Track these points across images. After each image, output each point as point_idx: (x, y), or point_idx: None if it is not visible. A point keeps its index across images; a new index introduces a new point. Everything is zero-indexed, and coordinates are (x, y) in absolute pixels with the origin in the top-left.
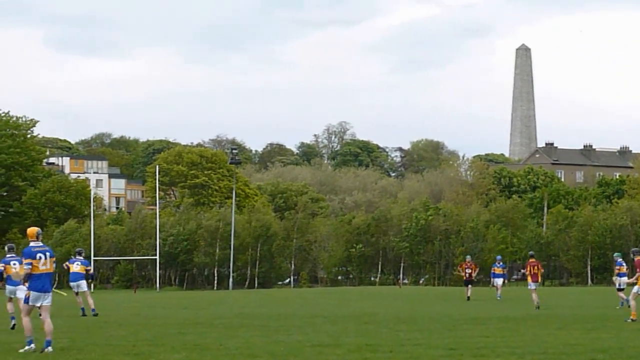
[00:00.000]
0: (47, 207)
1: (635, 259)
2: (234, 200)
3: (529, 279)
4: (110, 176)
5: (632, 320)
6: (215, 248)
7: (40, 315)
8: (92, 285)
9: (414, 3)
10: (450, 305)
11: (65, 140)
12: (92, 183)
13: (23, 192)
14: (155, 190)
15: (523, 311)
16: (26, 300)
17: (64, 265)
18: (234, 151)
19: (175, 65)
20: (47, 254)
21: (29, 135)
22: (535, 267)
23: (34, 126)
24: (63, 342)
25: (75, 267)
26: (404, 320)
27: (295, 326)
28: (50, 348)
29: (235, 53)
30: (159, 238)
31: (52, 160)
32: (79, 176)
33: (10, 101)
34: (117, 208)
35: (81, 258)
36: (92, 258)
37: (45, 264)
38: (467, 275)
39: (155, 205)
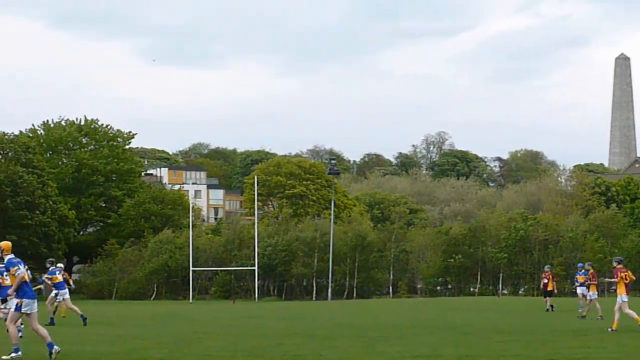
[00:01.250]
0: (144, 218)
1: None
2: (332, 210)
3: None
4: (209, 187)
5: None
6: (313, 259)
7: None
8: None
9: (511, 13)
10: (549, 315)
11: (163, 151)
12: (191, 194)
13: (121, 203)
14: (254, 201)
15: (622, 322)
16: (17, 308)
17: (45, 278)
18: (332, 161)
19: (272, 75)
20: (22, 264)
21: (127, 147)
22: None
23: (133, 138)
24: (162, 353)
25: (59, 276)
26: (503, 330)
27: (394, 337)
28: (56, 347)
29: (332, 63)
30: (257, 248)
31: (150, 171)
32: (180, 187)
33: (108, 113)
34: (215, 218)
35: (61, 266)
36: (191, 268)
37: (24, 273)
38: (543, 285)
39: (254, 215)
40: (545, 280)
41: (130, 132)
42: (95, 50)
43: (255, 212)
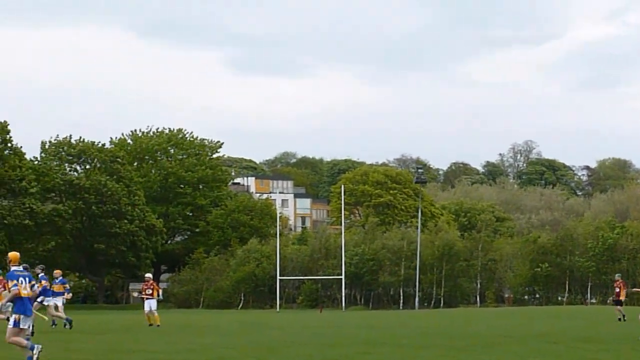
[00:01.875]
0: (232, 227)
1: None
2: (419, 219)
3: None
4: (296, 196)
5: None
6: (400, 267)
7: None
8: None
9: (597, 22)
10: (638, 324)
11: (250, 160)
12: (278, 203)
13: (208, 212)
14: (341, 210)
15: None
16: (16, 324)
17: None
18: (419, 170)
19: (358, 84)
20: (27, 278)
21: (214, 156)
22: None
23: (220, 147)
24: None
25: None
26: (591, 339)
27: (481, 346)
28: (38, 345)
29: (418, 72)
30: (344, 257)
31: (237, 180)
32: (268, 196)
33: (195, 122)
34: (302, 228)
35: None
36: (278, 277)
37: (26, 289)
38: (615, 294)
39: (341, 224)
40: (617, 289)
41: (217, 141)
42: (184, 60)
43: (342, 221)
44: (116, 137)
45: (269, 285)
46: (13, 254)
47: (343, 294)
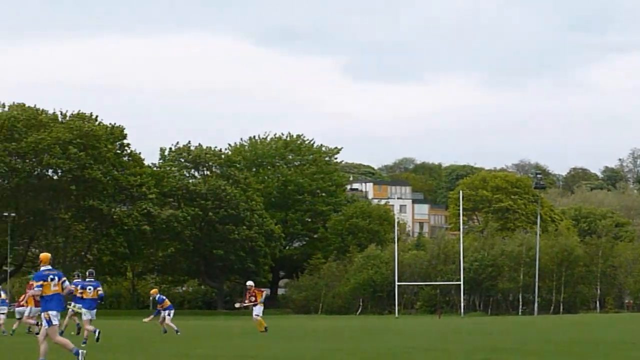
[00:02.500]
0: (351, 233)
1: None
2: (538, 225)
3: None
4: (414, 201)
5: None
6: (519, 273)
7: (36, 334)
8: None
9: None
10: None
11: (368, 166)
12: (396, 208)
13: (327, 218)
14: (459, 216)
15: None
16: (49, 322)
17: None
18: (538, 176)
19: (477, 90)
20: (57, 277)
21: (332, 162)
22: None
23: (338, 153)
24: None
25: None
26: None
27: (602, 353)
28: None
29: (537, 78)
30: (463, 263)
31: (355, 185)
32: (386, 202)
33: (314, 129)
34: (420, 233)
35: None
36: (396, 283)
37: (56, 285)
38: None
39: (459, 230)
40: None
41: (335, 147)
42: (302, 67)
43: (461, 226)
44: (234, 144)
45: (387, 291)
46: (44, 255)
47: (462, 300)
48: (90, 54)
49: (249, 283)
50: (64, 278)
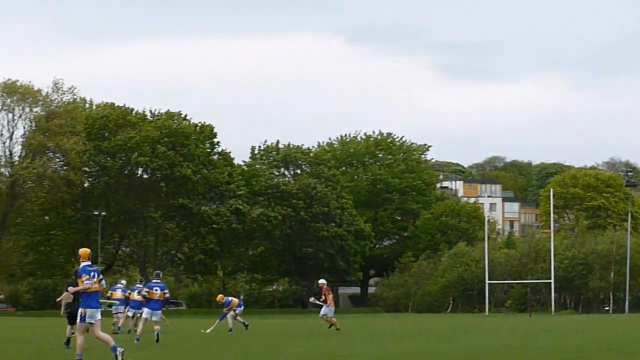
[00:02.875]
0: (440, 231)
1: None
2: (629, 223)
3: None
4: (504, 200)
5: None
6: (609, 272)
7: (87, 332)
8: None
9: None
10: None
11: (458, 164)
12: (486, 207)
13: (417, 216)
14: (550, 214)
15: None
16: (82, 318)
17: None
18: (629, 173)
19: (563, 88)
20: (97, 273)
21: (422, 160)
22: None
23: (427, 151)
24: None
25: (119, 293)
26: None
27: None
28: (119, 349)
29: (627, 76)
30: (553, 262)
31: (445, 184)
32: (476, 200)
33: (404, 127)
34: (510, 231)
35: (139, 286)
36: (487, 282)
37: (96, 282)
38: None
39: (549, 228)
40: None
41: (425, 144)
42: (393, 66)
43: (551, 224)
44: (324, 142)
45: (477, 289)
46: (83, 250)
47: (552, 298)
48: (182, 53)
49: (321, 281)
50: (102, 276)
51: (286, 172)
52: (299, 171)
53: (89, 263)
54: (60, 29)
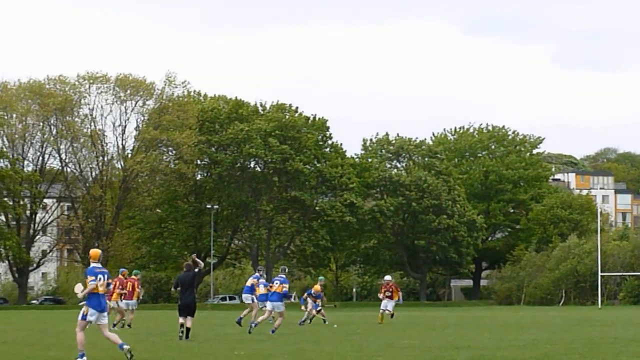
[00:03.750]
0: (553, 223)
1: None
2: None
3: None
4: (617, 192)
5: None
6: None
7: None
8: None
9: None
10: None
11: (570, 156)
12: (598, 199)
13: (529, 209)
14: None
15: None
16: (84, 317)
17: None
18: None
19: None
20: (105, 275)
21: (534, 152)
22: None
23: (540, 143)
24: (573, 359)
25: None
26: None
27: None
28: (126, 346)
29: None
30: None
31: (558, 176)
32: (588, 192)
33: (517, 119)
34: (623, 223)
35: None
36: (599, 273)
37: (103, 285)
38: None
39: None
40: None
41: (538, 137)
42: (507, 56)
43: None
44: (438, 133)
45: (590, 282)
46: (94, 251)
47: None
48: (290, 45)
49: (387, 278)
50: (110, 280)
51: (398, 165)
52: (411, 163)
53: (99, 265)
54: (173, 22)
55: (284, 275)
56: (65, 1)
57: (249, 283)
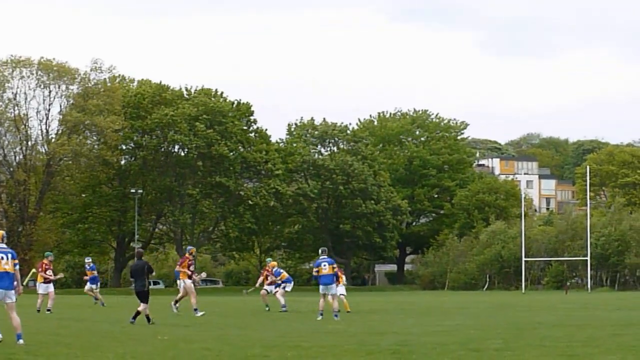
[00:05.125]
0: (477, 209)
1: None
2: None
3: None
4: (541, 177)
5: None
6: None
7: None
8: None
9: None
10: None
11: (495, 142)
12: (522, 184)
13: (453, 194)
14: (586, 191)
15: None
16: None
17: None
18: None
19: (607, 65)
20: (9, 255)
21: (459, 137)
22: None
23: (465, 129)
24: (497, 344)
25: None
26: None
27: None
28: (21, 340)
29: None
30: (590, 239)
31: (482, 161)
32: (512, 177)
33: (441, 104)
34: (547, 209)
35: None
36: (523, 259)
37: (7, 264)
38: None
39: (586, 205)
40: None
41: (462, 122)
42: (432, 43)
43: (588, 202)
44: (363, 119)
45: (514, 267)
46: None
47: (589, 276)
48: (217, 28)
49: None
50: (17, 260)
51: (322, 150)
52: (335, 149)
53: (3, 245)
54: (97, 6)
55: (327, 256)
56: None
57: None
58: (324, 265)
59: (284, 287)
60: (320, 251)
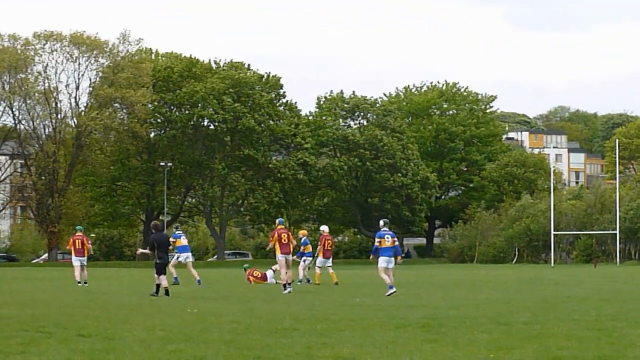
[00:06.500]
0: (507, 181)
1: None
2: None
3: None
4: (570, 150)
5: None
6: None
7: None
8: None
9: None
10: None
11: (524, 115)
12: (552, 157)
13: (482, 167)
14: (615, 165)
15: None
16: None
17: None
18: None
19: (637, 39)
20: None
21: (488, 111)
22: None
23: (493, 101)
24: (526, 317)
25: (183, 240)
26: None
27: None
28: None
29: None
30: (619, 212)
31: (511, 135)
32: (541, 151)
33: (470, 77)
34: (576, 182)
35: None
36: (552, 232)
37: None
38: None
39: (615, 179)
40: None
41: (491, 95)
42: (461, 16)
43: (617, 175)
44: (389, 93)
45: (543, 240)
46: None
47: (617, 249)
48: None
49: (324, 228)
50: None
51: (352, 123)
52: (365, 122)
53: None
54: None
55: (388, 229)
56: None
57: (185, 242)
58: (387, 238)
59: (303, 260)
60: (382, 222)
